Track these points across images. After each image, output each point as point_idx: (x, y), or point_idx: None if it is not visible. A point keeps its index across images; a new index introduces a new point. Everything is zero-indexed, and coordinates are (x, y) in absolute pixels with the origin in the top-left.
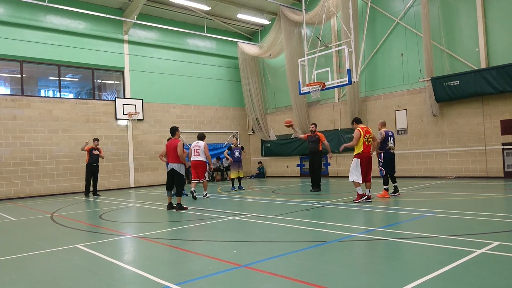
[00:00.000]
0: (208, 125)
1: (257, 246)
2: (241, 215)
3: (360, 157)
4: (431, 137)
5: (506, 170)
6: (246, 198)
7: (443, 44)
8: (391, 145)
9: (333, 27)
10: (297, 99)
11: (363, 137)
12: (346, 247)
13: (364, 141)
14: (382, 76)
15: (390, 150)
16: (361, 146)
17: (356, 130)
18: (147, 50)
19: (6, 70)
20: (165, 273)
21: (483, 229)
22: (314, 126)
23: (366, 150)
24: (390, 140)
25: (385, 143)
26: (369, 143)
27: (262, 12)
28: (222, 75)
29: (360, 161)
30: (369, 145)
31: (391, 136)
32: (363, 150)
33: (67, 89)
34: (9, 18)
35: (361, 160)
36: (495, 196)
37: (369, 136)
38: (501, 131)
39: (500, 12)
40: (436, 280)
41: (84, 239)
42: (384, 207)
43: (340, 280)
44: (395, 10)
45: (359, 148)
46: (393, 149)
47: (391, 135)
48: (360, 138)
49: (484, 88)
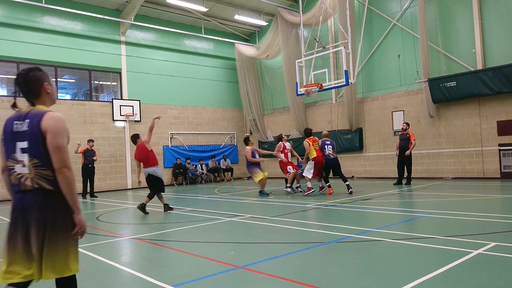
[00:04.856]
0: (206, 126)
1: (255, 247)
2: (238, 216)
3: (315, 160)
4: (428, 138)
5: (502, 171)
6: (244, 199)
7: (440, 45)
8: (329, 151)
9: (330, 28)
10: (294, 100)
11: (312, 146)
12: (344, 248)
13: (315, 148)
14: (379, 77)
15: (329, 156)
16: (314, 152)
17: (305, 142)
18: (144, 51)
19: (2, 71)
20: (162, 274)
21: (479, 230)
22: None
23: (318, 154)
24: (326, 147)
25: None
26: (318, 148)
27: (260, 13)
28: (219, 76)
29: (315, 163)
30: (319, 150)
31: (328, 145)
32: (317, 154)
33: (64, 90)
34: (6, 19)
35: (315, 162)
36: (491, 197)
37: (316, 144)
38: (498, 132)
39: (496, 13)
40: (433, 281)
41: (81, 240)
42: (382, 208)
43: (338, 281)
44: (392, 11)
45: (313, 154)
46: (331, 154)
47: (328, 144)
48: (310, 147)
49: (481, 89)
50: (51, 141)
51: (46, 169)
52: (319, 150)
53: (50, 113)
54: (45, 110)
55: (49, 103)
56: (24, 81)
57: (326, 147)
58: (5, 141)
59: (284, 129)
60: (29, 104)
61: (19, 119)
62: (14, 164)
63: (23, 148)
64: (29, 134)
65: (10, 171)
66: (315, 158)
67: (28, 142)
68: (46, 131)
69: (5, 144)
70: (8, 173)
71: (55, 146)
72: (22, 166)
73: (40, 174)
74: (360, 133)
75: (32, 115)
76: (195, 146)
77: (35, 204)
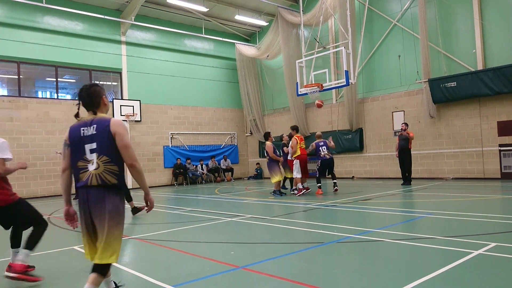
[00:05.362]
0: (206, 126)
1: (255, 247)
2: (239, 216)
3: (298, 158)
4: (428, 138)
5: (502, 171)
6: (244, 199)
7: (440, 46)
8: (324, 152)
9: (330, 28)
10: (294, 101)
11: (299, 144)
12: (344, 248)
13: (300, 146)
14: (380, 78)
15: (325, 156)
16: (299, 151)
17: (293, 139)
18: (144, 51)
19: (3, 71)
20: (162, 274)
21: (480, 230)
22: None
23: (302, 152)
24: (321, 149)
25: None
26: (303, 147)
27: (260, 14)
28: (219, 76)
29: (299, 161)
30: (304, 149)
31: (322, 146)
32: (301, 153)
33: (64, 90)
34: (6, 19)
35: (300, 160)
36: (492, 197)
37: (302, 142)
38: (498, 133)
39: (496, 13)
40: (433, 281)
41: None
42: (382, 208)
43: (338, 281)
44: (392, 11)
45: (297, 152)
46: (327, 155)
47: (322, 145)
48: (297, 144)
49: (481, 90)
50: (120, 141)
51: (114, 165)
52: (303, 148)
53: (114, 119)
54: (108, 117)
55: (105, 112)
56: (87, 95)
57: (321, 148)
58: (72, 146)
59: (285, 130)
60: (91, 113)
61: (86, 125)
62: (86, 164)
63: (92, 148)
64: (98, 137)
65: (81, 170)
66: (299, 156)
67: (96, 143)
68: (115, 133)
69: (72, 148)
70: (76, 172)
71: (124, 145)
72: (91, 165)
73: (108, 169)
74: (361, 133)
75: (98, 121)
76: (196, 146)
77: (98, 197)
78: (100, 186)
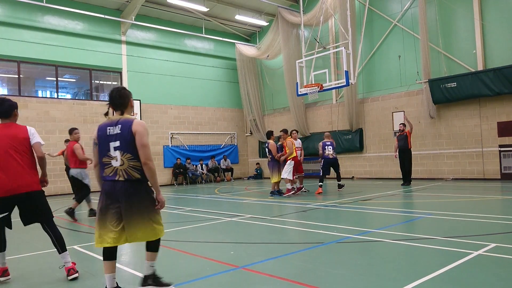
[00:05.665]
0: (206, 126)
1: (255, 247)
2: (238, 216)
3: (294, 160)
4: (428, 138)
5: (502, 172)
6: (244, 199)
7: (441, 46)
8: (329, 152)
9: (330, 28)
10: (294, 101)
11: (294, 145)
12: (344, 248)
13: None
14: (380, 78)
15: (329, 156)
16: (294, 152)
17: (289, 141)
18: (145, 51)
19: (3, 71)
20: (162, 274)
21: (479, 231)
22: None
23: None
24: (327, 148)
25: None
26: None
27: (260, 14)
28: (220, 76)
29: (295, 163)
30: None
31: (328, 145)
32: (295, 154)
33: (64, 89)
34: (7, 18)
35: (295, 162)
36: (491, 198)
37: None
38: (498, 133)
39: (497, 14)
40: (433, 282)
41: (81, 240)
42: (382, 209)
43: (338, 282)
44: (392, 12)
45: (293, 154)
46: (331, 155)
47: (328, 144)
48: (293, 146)
49: (481, 90)
50: (139, 140)
51: (137, 161)
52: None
53: (136, 120)
54: (132, 118)
55: (131, 112)
56: (118, 96)
57: (327, 148)
58: (100, 143)
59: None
60: (118, 114)
61: (111, 125)
62: (110, 160)
63: (116, 146)
64: (121, 136)
65: (105, 165)
66: (294, 158)
67: (120, 141)
68: (135, 133)
69: (99, 145)
70: (101, 167)
71: (142, 144)
72: (115, 161)
73: (132, 165)
74: (361, 134)
75: (123, 121)
76: (196, 146)
77: (125, 190)
78: (126, 180)
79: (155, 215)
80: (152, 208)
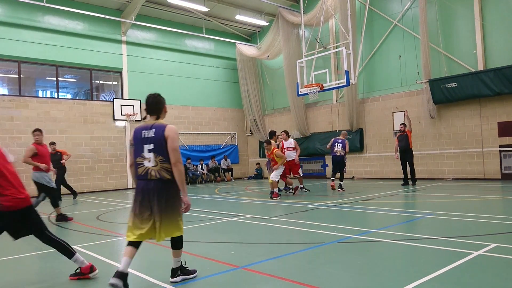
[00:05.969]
0: (206, 126)
1: (255, 247)
2: (238, 216)
3: (284, 164)
4: (428, 138)
5: (503, 172)
6: (244, 199)
7: (441, 46)
8: (338, 149)
9: (331, 28)
10: (295, 101)
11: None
12: (344, 248)
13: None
14: (380, 78)
15: (336, 153)
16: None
17: (277, 151)
18: (145, 51)
19: (3, 71)
20: (162, 274)
21: (480, 231)
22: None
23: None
24: (336, 145)
25: (332, 147)
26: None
27: (261, 14)
28: (220, 76)
29: (288, 164)
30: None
31: (338, 143)
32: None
33: (65, 89)
34: (7, 18)
35: (285, 165)
36: (492, 198)
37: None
38: (498, 133)
39: (497, 14)
40: (433, 282)
41: (82, 240)
42: (382, 209)
43: (338, 282)
44: (393, 12)
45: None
46: (338, 152)
47: (339, 142)
48: (282, 155)
49: (482, 90)
50: (170, 144)
51: (168, 163)
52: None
53: (169, 125)
54: (165, 123)
55: (164, 117)
56: (154, 102)
57: (336, 145)
58: (136, 144)
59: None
60: (154, 118)
61: (146, 129)
62: (143, 160)
63: (150, 149)
64: (155, 139)
65: (138, 165)
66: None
67: (153, 144)
68: (168, 138)
69: (135, 146)
70: (136, 167)
71: (173, 148)
72: (148, 162)
73: (163, 167)
74: (361, 134)
75: (157, 126)
76: (196, 146)
77: (157, 188)
78: (158, 180)
79: (180, 213)
80: (179, 206)
